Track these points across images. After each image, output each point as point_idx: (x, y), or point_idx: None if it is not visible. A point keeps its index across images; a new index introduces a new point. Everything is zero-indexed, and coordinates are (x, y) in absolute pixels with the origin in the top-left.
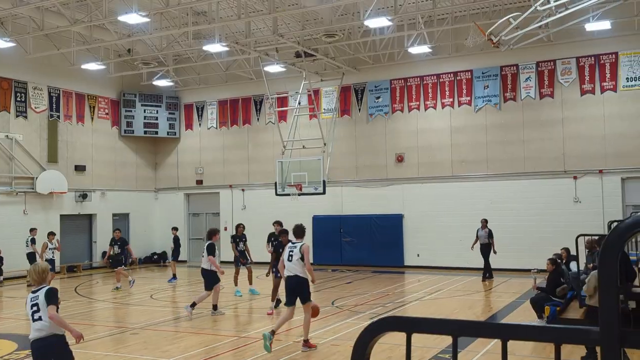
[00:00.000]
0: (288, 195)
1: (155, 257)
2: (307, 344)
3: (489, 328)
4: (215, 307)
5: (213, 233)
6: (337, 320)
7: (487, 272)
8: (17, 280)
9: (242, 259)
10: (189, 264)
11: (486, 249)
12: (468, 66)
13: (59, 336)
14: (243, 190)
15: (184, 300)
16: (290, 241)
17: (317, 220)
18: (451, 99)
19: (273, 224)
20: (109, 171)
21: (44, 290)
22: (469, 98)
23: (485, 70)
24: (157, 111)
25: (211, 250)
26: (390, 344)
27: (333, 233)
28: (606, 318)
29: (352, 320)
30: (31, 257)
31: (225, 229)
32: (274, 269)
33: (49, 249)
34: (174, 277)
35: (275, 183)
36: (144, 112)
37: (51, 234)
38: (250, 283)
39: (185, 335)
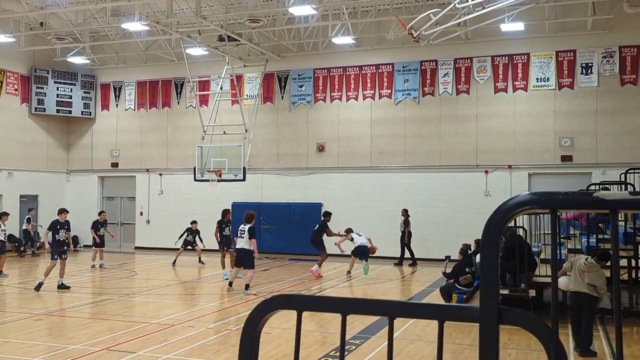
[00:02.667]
0: (207, 181)
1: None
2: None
3: (377, 305)
4: (247, 287)
5: (253, 217)
6: (251, 307)
7: (402, 260)
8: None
9: (226, 244)
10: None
11: (402, 237)
12: (390, 59)
13: None
14: (161, 174)
15: (91, 285)
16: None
17: (237, 207)
18: (372, 91)
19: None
20: (17, 150)
21: None
22: (389, 91)
23: (406, 64)
24: (71, 89)
25: (253, 233)
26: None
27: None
28: (487, 296)
29: None
30: None
31: (141, 213)
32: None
33: (1, 230)
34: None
35: (195, 168)
36: (57, 89)
37: (4, 215)
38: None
39: (93, 321)
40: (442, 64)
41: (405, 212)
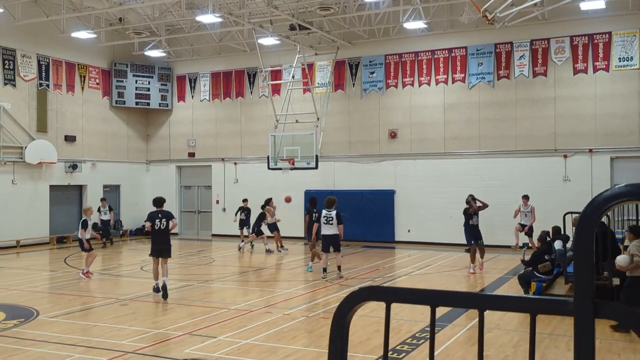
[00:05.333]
0: (280, 169)
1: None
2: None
3: (467, 298)
4: (340, 269)
5: (335, 201)
6: (327, 293)
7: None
8: (7, 250)
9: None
10: (180, 237)
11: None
12: (463, 43)
13: None
14: (235, 163)
15: (174, 272)
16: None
17: (309, 195)
18: (445, 76)
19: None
20: (100, 142)
21: None
22: (462, 75)
23: (480, 48)
24: (148, 82)
25: (341, 218)
26: (378, 317)
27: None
28: (581, 289)
29: (341, 293)
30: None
31: (217, 202)
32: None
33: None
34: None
35: (268, 157)
36: (136, 82)
37: (103, 200)
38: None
39: (175, 307)
40: (518, 46)
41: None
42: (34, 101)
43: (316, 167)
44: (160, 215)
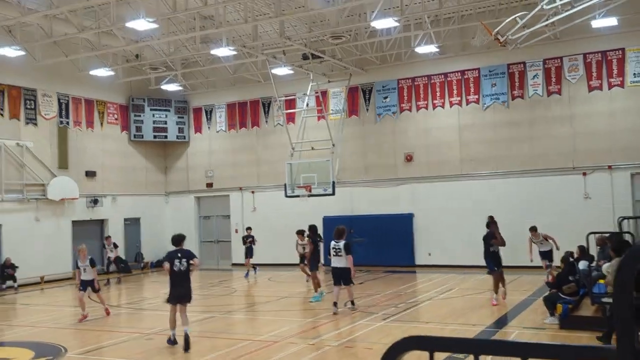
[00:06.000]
0: (298, 196)
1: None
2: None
3: (510, 347)
4: (353, 302)
5: (344, 232)
6: (350, 322)
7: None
8: (31, 287)
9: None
10: (201, 267)
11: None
12: (475, 65)
13: None
14: (253, 192)
15: (196, 304)
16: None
17: (328, 221)
18: (459, 98)
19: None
20: (120, 176)
21: None
22: (476, 96)
23: (493, 69)
24: (166, 115)
25: (349, 249)
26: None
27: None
28: (623, 340)
29: (365, 321)
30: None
31: (236, 231)
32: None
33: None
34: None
35: (285, 185)
36: (153, 116)
37: (108, 237)
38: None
39: (198, 339)
40: (531, 66)
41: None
42: (55, 139)
43: (333, 193)
44: (179, 255)
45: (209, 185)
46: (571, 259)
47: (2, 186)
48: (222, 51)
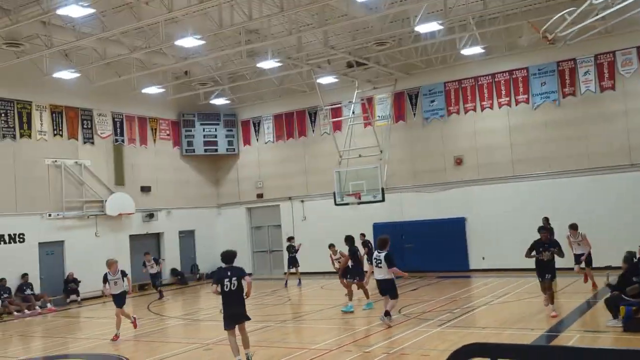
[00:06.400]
0: (347, 204)
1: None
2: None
3: (572, 352)
4: (388, 314)
5: (387, 242)
6: (405, 329)
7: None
8: (93, 300)
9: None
10: (254, 277)
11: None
12: (523, 64)
13: None
14: (302, 201)
15: (251, 314)
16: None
17: (378, 228)
18: (508, 98)
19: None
20: (173, 190)
21: None
22: (526, 96)
23: (542, 67)
24: (215, 129)
25: (391, 261)
26: None
27: (394, 240)
28: None
29: (420, 328)
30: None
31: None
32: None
33: (149, 265)
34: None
35: (334, 193)
36: (203, 130)
37: (147, 254)
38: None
39: (255, 349)
40: (582, 62)
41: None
42: (111, 156)
43: (383, 200)
44: (229, 274)
45: (259, 196)
46: (634, 259)
47: (63, 204)
48: (268, 63)
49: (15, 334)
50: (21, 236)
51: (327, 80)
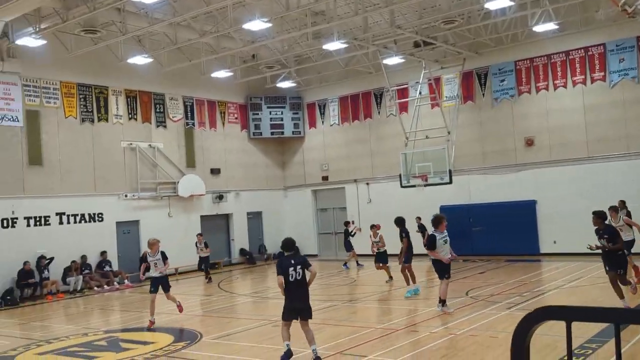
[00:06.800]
0: (413, 186)
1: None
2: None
3: None
4: (442, 302)
5: (440, 221)
6: (472, 311)
7: None
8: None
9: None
10: (320, 258)
11: None
12: (600, 40)
13: None
14: (368, 183)
15: (318, 293)
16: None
17: (445, 210)
18: (583, 76)
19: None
20: (241, 172)
21: None
22: (602, 74)
23: (620, 43)
24: (281, 112)
25: (431, 243)
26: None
27: (462, 222)
28: None
29: (488, 310)
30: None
31: (352, 222)
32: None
33: (200, 248)
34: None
35: (400, 175)
36: (270, 114)
37: (199, 235)
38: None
39: (322, 327)
40: None
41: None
42: (182, 139)
43: (450, 182)
44: (293, 262)
45: (325, 178)
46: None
47: (138, 185)
48: (334, 45)
49: (95, 307)
50: (100, 215)
51: (393, 60)
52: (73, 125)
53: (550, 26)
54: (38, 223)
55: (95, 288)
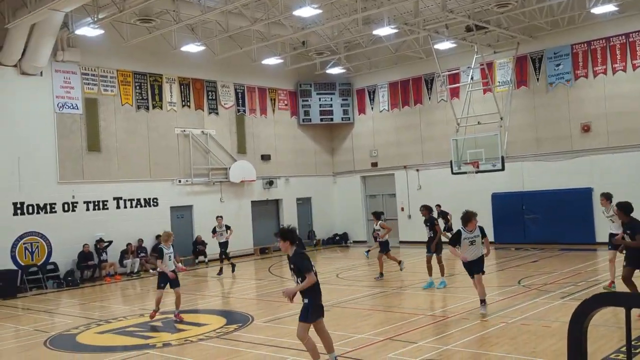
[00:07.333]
0: (464, 173)
1: (337, 238)
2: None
3: None
4: (482, 301)
5: (470, 218)
6: (525, 300)
7: None
8: (219, 262)
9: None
10: (369, 245)
11: None
12: None
13: None
14: (418, 170)
15: (365, 280)
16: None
17: (497, 198)
18: None
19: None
20: (291, 158)
21: None
22: None
23: None
24: (331, 98)
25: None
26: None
27: (514, 210)
28: None
29: (541, 299)
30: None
31: (402, 209)
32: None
33: (220, 231)
34: None
35: (451, 162)
36: (319, 100)
37: (219, 217)
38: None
39: (372, 312)
40: None
41: None
42: (233, 126)
43: (502, 169)
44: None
45: (374, 164)
46: None
47: (191, 171)
48: (384, 30)
49: (151, 289)
50: (155, 200)
51: (444, 45)
52: (129, 112)
53: (610, 8)
54: (97, 207)
55: (151, 271)
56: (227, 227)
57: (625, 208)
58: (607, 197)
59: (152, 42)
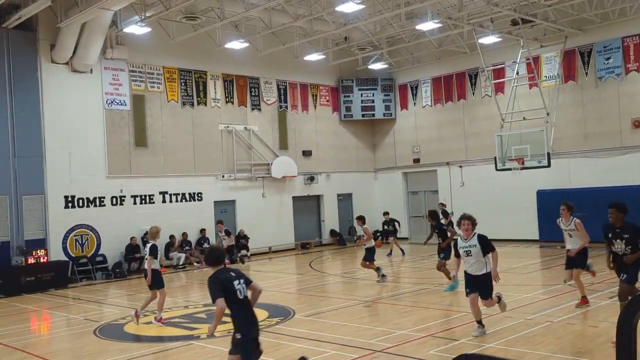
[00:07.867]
0: (509, 169)
1: (378, 234)
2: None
3: None
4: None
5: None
6: (571, 299)
7: None
8: (261, 255)
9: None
10: (410, 242)
11: None
12: None
13: None
14: (461, 166)
15: (409, 276)
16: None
17: (542, 195)
18: None
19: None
20: (332, 154)
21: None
22: None
23: None
24: (373, 94)
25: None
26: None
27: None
28: None
29: (588, 298)
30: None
31: (444, 205)
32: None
33: (222, 237)
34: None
35: (495, 158)
36: (361, 96)
37: (219, 223)
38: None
39: (413, 309)
40: None
41: None
42: (275, 122)
43: (548, 165)
44: (234, 274)
45: (416, 160)
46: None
47: (234, 166)
48: (427, 25)
49: (195, 282)
50: (199, 195)
51: (489, 40)
52: (174, 108)
53: None
54: (143, 201)
55: (195, 264)
56: (228, 233)
57: (623, 208)
58: (569, 207)
59: (197, 40)
